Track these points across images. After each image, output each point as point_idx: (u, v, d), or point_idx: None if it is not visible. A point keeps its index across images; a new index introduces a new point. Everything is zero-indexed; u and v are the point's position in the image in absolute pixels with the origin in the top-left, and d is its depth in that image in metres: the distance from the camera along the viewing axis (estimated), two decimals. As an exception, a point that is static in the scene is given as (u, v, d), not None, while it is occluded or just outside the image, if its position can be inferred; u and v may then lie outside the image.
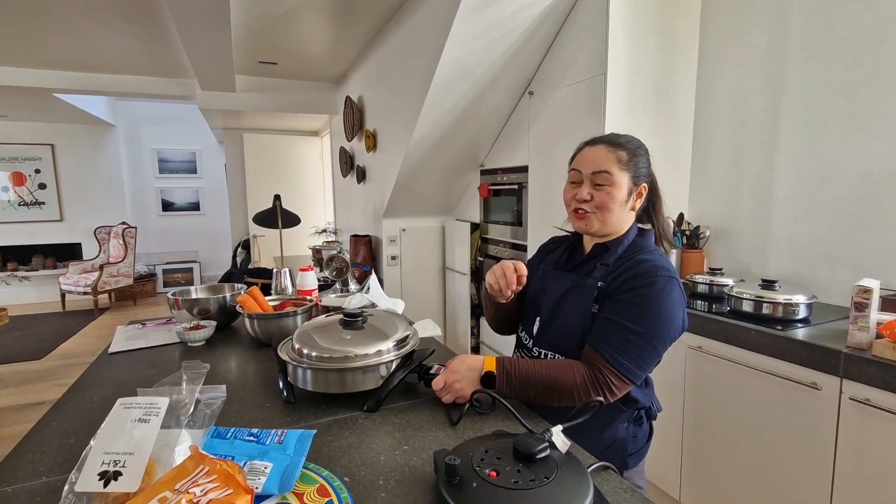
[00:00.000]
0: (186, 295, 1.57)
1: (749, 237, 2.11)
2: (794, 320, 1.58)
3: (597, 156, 0.99)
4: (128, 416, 0.46)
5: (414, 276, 3.69)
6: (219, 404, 0.49)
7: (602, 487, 0.70)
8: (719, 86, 2.21)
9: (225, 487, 0.37)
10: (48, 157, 6.14)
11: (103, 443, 0.44)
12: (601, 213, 0.99)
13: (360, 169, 3.97)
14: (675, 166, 2.33)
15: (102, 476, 0.42)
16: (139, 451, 0.43)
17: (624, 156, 0.98)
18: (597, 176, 0.98)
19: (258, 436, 0.50)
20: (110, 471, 0.42)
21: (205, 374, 0.52)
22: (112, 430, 0.45)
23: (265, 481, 0.43)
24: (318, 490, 0.44)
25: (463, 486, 0.61)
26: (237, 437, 0.50)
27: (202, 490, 0.36)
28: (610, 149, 0.99)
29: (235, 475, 0.38)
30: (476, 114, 2.80)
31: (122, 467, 0.43)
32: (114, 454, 0.43)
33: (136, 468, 0.42)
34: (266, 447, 0.48)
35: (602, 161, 0.98)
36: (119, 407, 0.48)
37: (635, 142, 1.02)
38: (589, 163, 1.00)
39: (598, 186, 0.99)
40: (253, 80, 4.39)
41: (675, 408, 1.82)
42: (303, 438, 0.50)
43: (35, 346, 4.44)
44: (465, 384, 0.93)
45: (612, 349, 0.90)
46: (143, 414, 0.46)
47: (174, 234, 7.09)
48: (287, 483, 0.43)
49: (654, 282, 0.91)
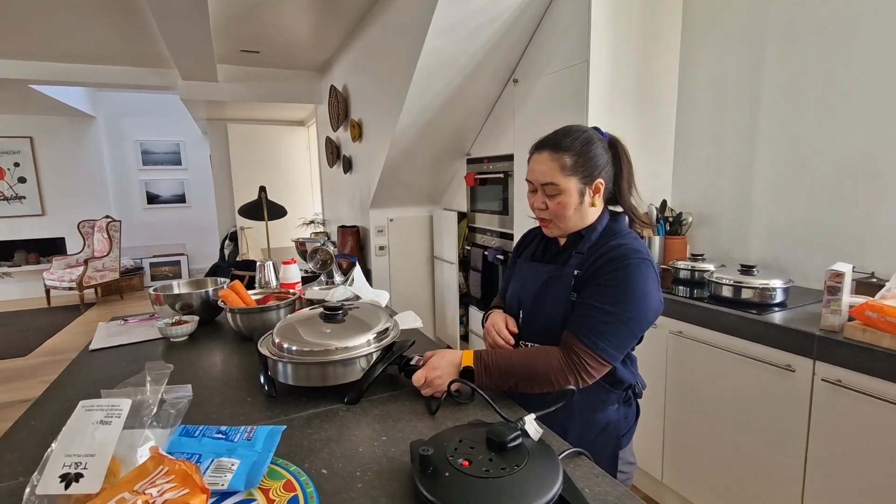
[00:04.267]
0: (168, 290, 1.56)
1: (730, 223, 2.14)
2: (772, 304, 1.61)
3: (541, 167, 0.99)
4: (90, 418, 0.46)
5: (402, 266, 3.69)
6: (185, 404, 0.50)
7: (574, 473, 0.72)
8: (700, 73, 2.22)
9: (182, 487, 0.38)
10: (27, 150, 6.01)
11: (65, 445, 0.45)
12: (558, 220, 1.01)
13: (347, 159, 3.94)
14: (658, 153, 2.34)
15: (64, 478, 0.42)
16: (101, 452, 0.43)
17: (568, 161, 0.97)
18: (545, 187, 1.00)
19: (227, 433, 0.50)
20: (72, 473, 0.43)
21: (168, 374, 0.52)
22: (73, 433, 0.46)
23: (231, 478, 0.44)
24: (284, 485, 0.45)
25: (436, 476, 0.63)
26: (205, 434, 0.50)
27: (159, 490, 0.37)
28: (554, 156, 0.98)
29: (193, 475, 0.39)
30: (461, 102, 2.79)
31: (83, 469, 0.43)
32: (75, 456, 0.44)
33: (97, 470, 0.43)
34: (234, 444, 0.49)
35: (546, 173, 0.98)
36: (81, 409, 0.48)
37: (582, 138, 0.99)
38: (536, 174, 1.01)
39: (549, 196, 1.00)
40: (235, 70, 4.32)
41: (657, 391, 1.86)
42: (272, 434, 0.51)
43: (19, 342, 4.39)
44: (445, 379, 0.95)
45: (588, 331, 0.91)
46: (105, 416, 0.46)
47: (160, 227, 7.00)
48: (254, 479, 0.44)
49: (627, 264, 0.93)
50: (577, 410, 1.01)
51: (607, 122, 2.12)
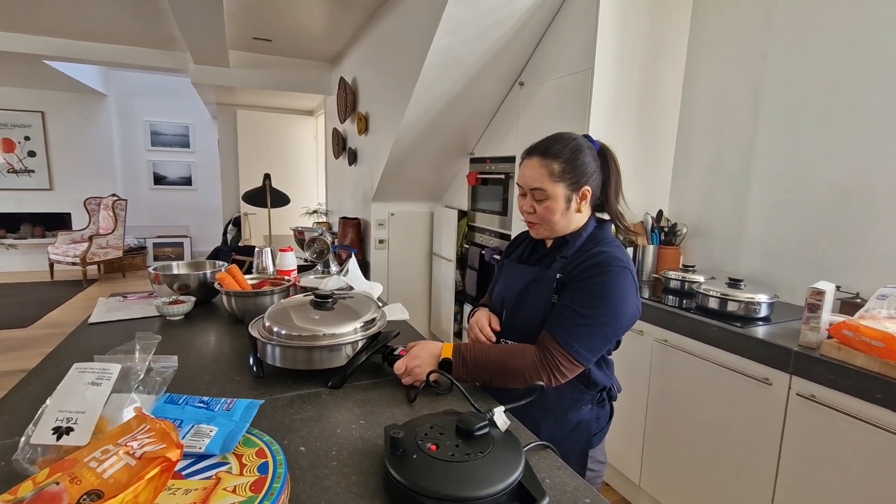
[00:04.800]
0: (167, 270, 1.61)
1: (724, 236, 2.17)
2: (756, 318, 1.64)
3: (530, 172, 1.03)
4: (82, 378, 0.51)
5: (401, 261, 3.73)
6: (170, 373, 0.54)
7: (538, 464, 0.76)
8: (705, 85, 2.24)
9: (160, 443, 0.41)
10: (38, 124, 6.07)
11: (58, 402, 0.49)
12: (544, 224, 1.05)
13: (352, 151, 3.97)
14: (658, 163, 2.37)
15: (56, 431, 0.46)
16: (90, 410, 0.48)
17: (556, 168, 1.00)
18: (533, 192, 1.03)
19: (208, 403, 0.54)
20: (63, 426, 0.47)
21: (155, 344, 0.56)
22: (67, 391, 0.50)
23: (209, 443, 0.48)
24: (256, 452, 0.49)
25: (405, 458, 0.66)
26: (188, 403, 0.54)
27: (139, 444, 0.41)
28: (543, 162, 1.01)
29: (170, 433, 0.43)
30: (467, 102, 2.82)
31: (74, 424, 0.47)
32: (67, 412, 0.48)
33: (86, 425, 0.47)
34: (214, 413, 0.53)
35: (535, 178, 1.02)
36: (74, 370, 0.52)
37: (571, 145, 1.01)
38: (526, 179, 1.04)
39: (537, 201, 1.03)
40: (247, 56, 4.36)
41: (639, 397, 1.90)
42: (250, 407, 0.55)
43: (21, 314, 4.46)
44: (424, 369, 0.98)
45: (563, 332, 0.95)
46: (96, 378, 0.51)
47: (165, 209, 7.06)
48: (229, 445, 0.48)
49: (607, 271, 0.96)
50: (550, 408, 1.05)
51: (608, 130, 2.15)
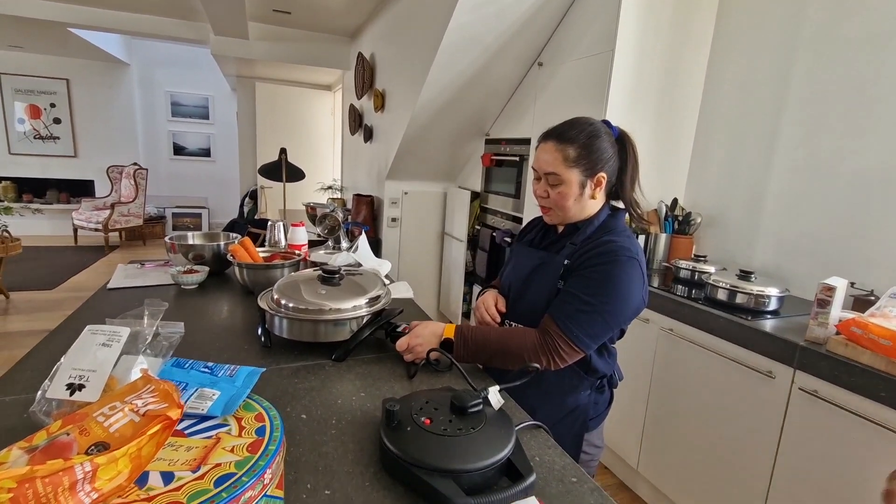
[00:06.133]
0: (183, 240, 1.65)
1: (738, 227, 2.13)
2: (764, 311, 1.62)
3: (545, 156, 1.02)
4: (94, 340, 0.54)
5: (413, 240, 3.75)
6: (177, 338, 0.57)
7: (529, 443, 0.78)
8: (729, 72, 2.17)
9: (162, 402, 0.44)
10: (63, 91, 6.17)
11: (72, 360, 0.52)
12: (557, 209, 1.05)
13: (368, 128, 3.97)
14: (676, 151, 2.32)
15: (69, 387, 0.50)
16: (101, 369, 0.51)
17: (571, 153, 0.99)
18: (548, 176, 1.03)
19: (212, 368, 0.57)
20: (76, 383, 0.50)
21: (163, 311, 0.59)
22: (80, 351, 0.53)
23: (211, 405, 0.50)
24: (255, 416, 0.51)
25: (399, 429, 0.69)
26: (194, 367, 0.57)
27: (144, 402, 0.44)
28: (558, 146, 1.00)
29: (172, 393, 0.46)
30: (484, 81, 2.78)
31: (85, 381, 0.50)
32: (80, 370, 0.51)
33: (96, 383, 0.50)
34: (217, 378, 0.55)
35: (549, 162, 1.01)
36: (87, 332, 0.55)
37: (588, 130, 1.00)
38: (540, 163, 1.04)
39: (550, 185, 1.03)
40: (266, 29, 4.34)
41: (642, 384, 1.91)
42: (251, 374, 0.57)
43: (47, 276, 4.62)
44: (425, 347, 1.00)
45: (565, 317, 0.95)
46: (107, 339, 0.54)
47: (185, 179, 7.16)
48: (230, 408, 0.51)
49: (614, 260, 0.95)
50: (548, 391, 1.07)
51: (626, 114, 2.11)
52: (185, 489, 0.40)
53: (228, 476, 0.42)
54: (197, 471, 0.42)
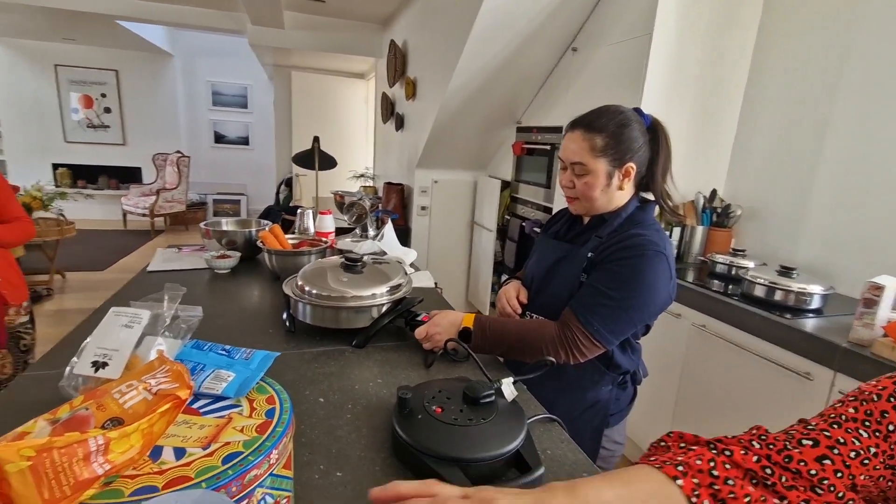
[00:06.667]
0: (216, 226, 1.71)
1: (782, 221, 2.02)
2: (806, 310, 1.54)
3: (572, 145, 0.99)
4: (117, 321, 0.57)
5: (442, 229, 3.76)
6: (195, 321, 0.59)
7: (541, 436, 0.77)
8: (777, 56, 2.04)
9: (174, 382, 0.47)
10: (112, 82, 6.47)
11: (97, 339, 0.55)
12: (584, 200, 1.02)
13: (399, 116, 3.98)
14: (716, 139, 2.22)
15: (94, 364, 0.53)
16: (123, 349, 0.54)
17: (599, 142, 0.96)
18: (574, 166, 1.00)
19: (229, 351, 0.59)
20: (100, 361, 0.53)
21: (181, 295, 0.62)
22: (104, 331, 0.56)
23: (225, 386, 0.53)
24: (267, 399, 0.53)
25: (410, 417, 0.70)
26: (212, 350, 0.60)
27: (157, 382, 0.46)
28: (586, 135, 0.97)
29: (184, 374, 0.48)
30: (516, 68, 2.73)
31: (108, 359, 0.54)
32: (104, 349, 0.54)
33: (119, 361, 0.53)
34: (234, 361, 0.58)
35: (576, 152, 0.98)
36: (111, 313, 0.58)
37: (618, 119, 0.97)
38: (566, 152, 1.01)
39: (577, 175, 1.00)
40: (301, 17, 4.39)
41: (671, 380, 1.86)
42: (266, 358, 0.59)
43: (98, 258, 4.91)
44: (443, 336, 1.00)
45: (586, 311, 0.93)
46: (129, 321, 0.57)
47: (225, 167, 7.41)
48: (243, 390, 0.53)
49: (641, 254, 0.93)
50: (567, 385, 1.05)
51: (663, 101, 2.03)
52: (195, 465, 0.42)
53: (236, 454, 0.44)
54: (207, 448, 0.44)
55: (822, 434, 0.47)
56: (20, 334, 1.69)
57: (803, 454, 0.45)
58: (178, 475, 0.41)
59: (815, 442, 0.46)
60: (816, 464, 0.44)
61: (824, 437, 0.47)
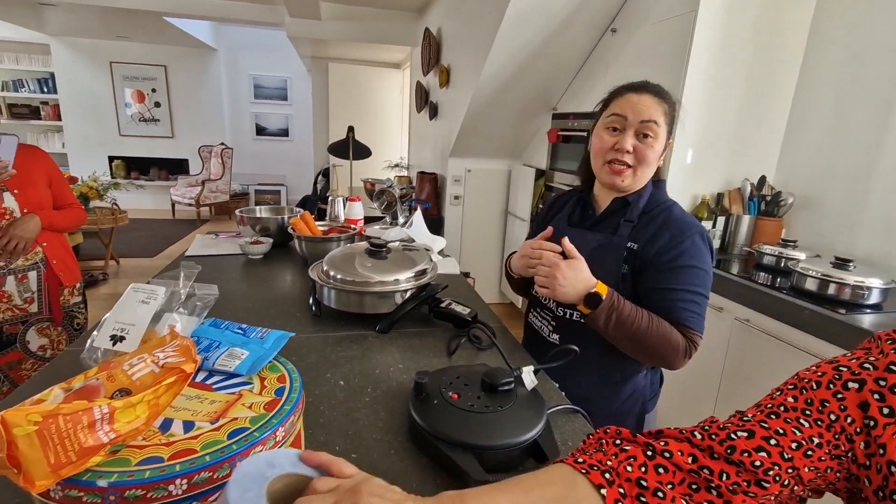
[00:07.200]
0: (251, 213, 1.76)
1: (839, 210, 1.87)
2: (863, 305, 1.42)
3: (647, 104, 0.92)
4: (135, 297, 0.59)
5: (475, 218, 3.73)
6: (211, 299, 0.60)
7: (563, 427, 0.74)
8: (837, 30, 1.88)
9: (181, 356, 0.47)
10: (162, 77, 6.76)
11: (116, 315, 0.57)
12: (639, 168, 0.94)
13: (433, 105, 3.95)
14: (766, 123, 2.07)
15: (112, 338, 0.55)
16: (139, 324, 0.55)
17: (668, 109, 0.94)
18: (645, 125, 0.92)
19: (245, 330, 0.60)
20: (118, 335, 0.55)
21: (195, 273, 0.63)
22: (123, 306, 0.58)
23: (238, 364, 0.53)
24: (278, 378, 0.53)
25: (427, 402, 0.69)
26: (228, 328, 0.60)
27: (165, 356, 0.47)
28: (657, 100, 0.93)
29: (191, 349, 0.49)
30: (551, 52, 2.64)
31: (125, 334, 0.55)
32: (122, 324, 0.56)
33: (135, 336, 0.55)
34: (248, 339, 0.58)
35: (652, 111, 0.92)
36: (130, 290, 0.60)
37: (671, 94, 0.98)
38: (639, 110, 0.92)
39: (642, 137, 0.93)
40: (338, 8, 4.43)
41: (712, 376, 1.77)
42: (281, 338, 0.59)
43: (150, 245, 5.18)
44: (568, 290, 0.88)
45: (693, 316, 0.92)
46: (146, 297, 0.58)
47: (266, 158, 7.63)
48: (255, 368, 0.53)
49: (691, 238, 0.92)
50: (605, 378, 1.02)
51: (709, 83, 1.92)
52: (202, 438, 0.42)
53: (242, 430, 0.44)
54: (215, 423, 0.44)
55: (759, 426, 0.43)
56: (74, 313, 1.80)
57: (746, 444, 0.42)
58: (184, 447, 0.41)
59: (751, 433, 0.42)
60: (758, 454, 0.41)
61: (761, 428, 0.42)
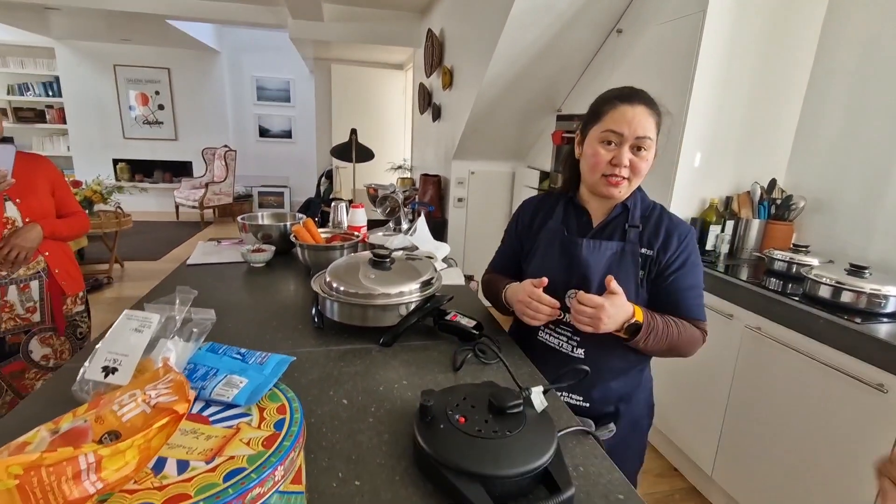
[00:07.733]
0: (253, 220, 1.74)
1: (853, 214, 1.83)
2: (879, 313, 1.39)
3: (640, 118, 0.92)
4: (128, 325, 0.56)
5: (479, 221, 3.70)
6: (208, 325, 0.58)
7: (573, 450, 0.72)
8: (851, 29, 1.84)
9: (173, 395, 0.45)
10: (165, 80, 6.77)
11: (108, 344, 0.55)
12: (634, 179, 0.96)
13: (436, 107, 3.93)
14: (777, 124, 2.04)
15: (104, 370, 0.52)
16: (132, 354, 0.53)
17: (658, 120, 0.95)
18: (640, 140, 0.92)
19: (244, 355, 0.58)
20: (110, 367, 0.53)
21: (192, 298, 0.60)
22: (116, 335, 0.56)
23: (237, 393, 0.51)
24: (278, 408, 0.51)
25: (432, 426, 0.66)
26: (226, 353, 0.58)
27: (157, 394, 0.45)
28: (649, 111, 0.93)
29: (184, 386, 0.46)
30: (556, 53, 2.61)
31: (118, 365, 0.53)
32: (114, 354, 0.54)
33: (128, 367, 0.52)
34: (247, 365, 0.56)
35: (646, 125, 0.92)
36: (123, 317, 0.58)
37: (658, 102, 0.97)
38: (634, 125, 0.91)
39: (636, 150, 0.93)
40: (340, 9, 4.41)
41: (721, 385, 1.73)
42: (281, 363, 0.57)
43: (153, 248, 5.18)
44: (611, 325, 0.89)
45: (702, 309, 1.00)
46: (139, 325, 0.56)
47: (269, 160, 7.62)
48: (254, 398, 0.51)
49: (691, 236, 0.99)
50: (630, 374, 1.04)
51: (717, 83, 1.88)
52: (196, 481, 0.40)
53: (239, 471, 0.41)
54: (211, 462, 0.42)
55: None
56: (77, 322, 1.79)
57: None
58: (178, 492, 0.39)
59: None
60: None
61: None
